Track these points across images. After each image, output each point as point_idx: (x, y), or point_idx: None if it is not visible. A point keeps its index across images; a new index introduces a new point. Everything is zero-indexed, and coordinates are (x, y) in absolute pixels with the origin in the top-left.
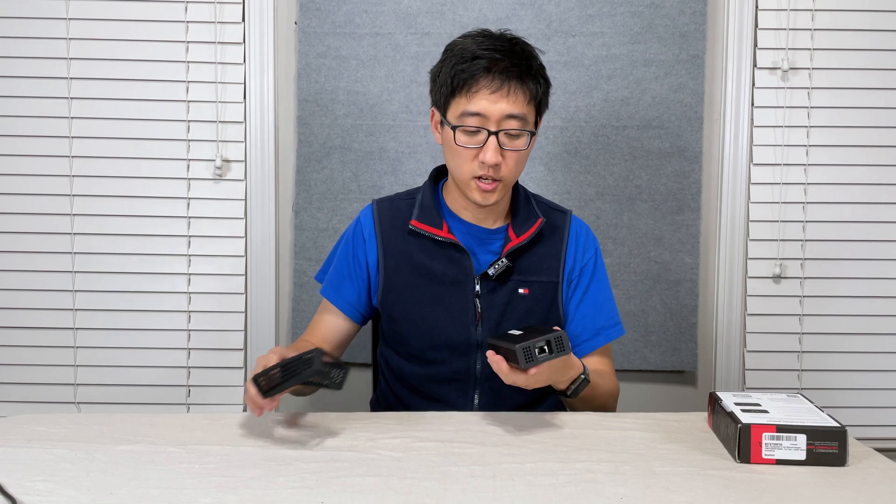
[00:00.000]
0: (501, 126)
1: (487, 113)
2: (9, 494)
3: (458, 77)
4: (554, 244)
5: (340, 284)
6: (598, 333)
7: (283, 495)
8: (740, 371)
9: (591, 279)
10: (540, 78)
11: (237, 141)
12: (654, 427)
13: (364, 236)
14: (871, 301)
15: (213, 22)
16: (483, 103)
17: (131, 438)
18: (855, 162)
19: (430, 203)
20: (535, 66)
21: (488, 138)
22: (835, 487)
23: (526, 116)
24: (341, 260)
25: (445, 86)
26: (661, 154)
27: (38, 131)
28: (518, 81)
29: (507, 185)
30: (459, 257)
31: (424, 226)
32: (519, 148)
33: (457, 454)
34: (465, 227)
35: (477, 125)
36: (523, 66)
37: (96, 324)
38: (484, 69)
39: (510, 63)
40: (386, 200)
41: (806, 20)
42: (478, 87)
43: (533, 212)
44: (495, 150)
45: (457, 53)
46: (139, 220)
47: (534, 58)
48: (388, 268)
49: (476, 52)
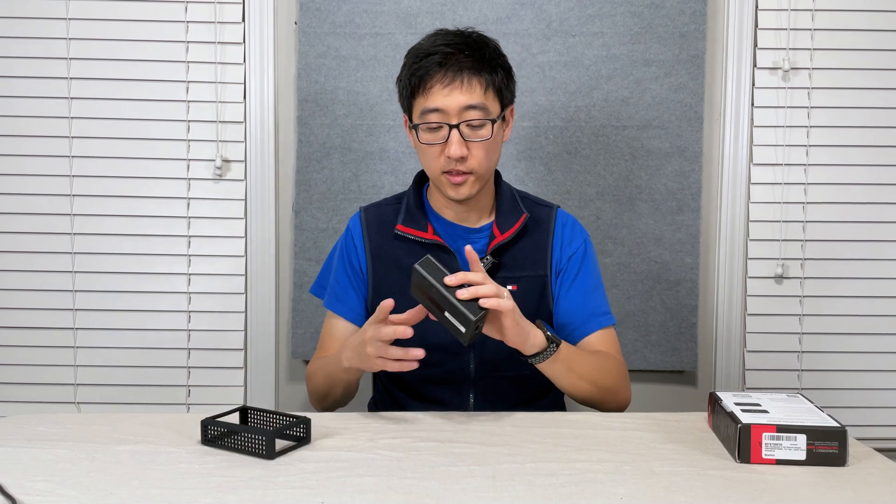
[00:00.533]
0: (462, 118)
1: (445, 107)
2: (9, 494)
3: (414, 76)
4: (540, 238)
5: (345, 295)
6: (588, 321)
7: (283, 495)
8: (740, 371)
9: (580, 268)
10: (496, 66)
11: (237, 141)
12: (654, 427)
13: (355, 243)
14: (871, 301)
15: (213, 22)
16: (438, 98)
17: (131, 438)
18: (855, 162)
19: (414, 206)
20: (489, 55)
21: (450, 132)
22: (835, 487)
23: (486, 105)
24: (340, 271)
25: (406, 88)
26: (661, 154)
27: (38, 131)
28: (471, 72)
29: (479, 177)
30: (446, 258)
31: (409, 229)
32: (483, 137)
33: (457, 454)
34: (450, 227)
35: (437, 121)
36: (476, 56)
37: (96, 324)
38: (437, 64)
39: (461, 54)
40: (373, 207)
41: (806, 20)
42: (432, 83)
43: (517, 207)
44: (459, 143)
45: (412, 54)
46: (139, 220)
47: (488, 48)
48: (376, 272)
49: (429, 49)
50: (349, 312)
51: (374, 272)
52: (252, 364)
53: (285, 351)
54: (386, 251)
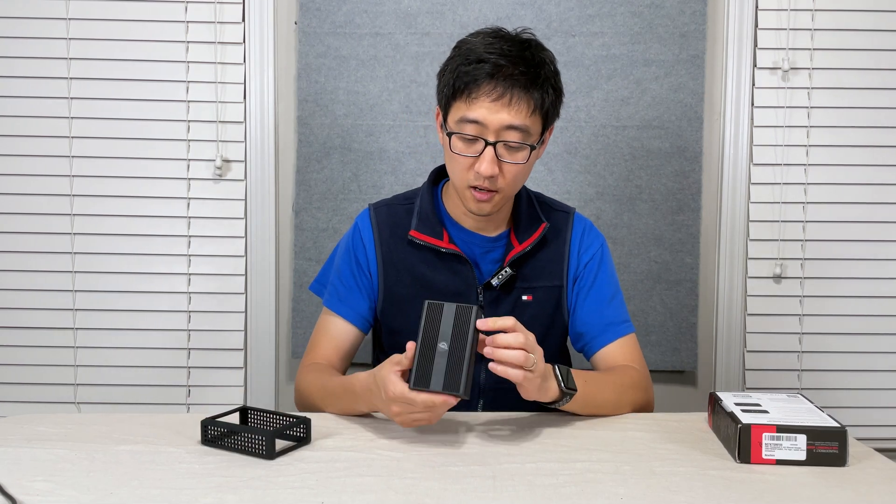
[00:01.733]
0: (500, 137)
1: (486, 122)
2: (9, 494)
3: (459, 80)
4: (557, 247)
5: (349, 296)
6: (605, 330)
7: (283, 495)
8: (740, 371)
9: (597, 275)
10: (549, 87)
11: (237, 141)
12: (654, 427)
13: (364, 243)
14: (871, 301)
15: (213, 22)
16: (482, 111)
17: (131, 438)
18: (855, 162)
19: (429, 210)
20: (545, 74)
21: (485, 148)
22: (835, 487)
23: (528, 128)
24: (345, 270)
25: (448, 87)
26: (661, 154)
27: (38, 131)
28: (522, 90)
29: (505, 196)
30: (462, 268)
31: (425, 236)
32: (518, 161)
33: (457, 454)
34: (467, 235)
35: (474, 133)
36: (531, 73)
37: (96, 324)
38: (487, 74)
39: (516, 69)
40: (383, 206)
41: (806, 20)
42: (478, 94)
43: (535, 216)
44: (491, 162)
45: (463, 53)
46: (139, 220)
47: (545, 64)
48: (388, 279)
49: (482, 54)
50: (351, 313)
51: (385, 278)
52: (252, 364)
53: (285, 351)
54: (399, 257)
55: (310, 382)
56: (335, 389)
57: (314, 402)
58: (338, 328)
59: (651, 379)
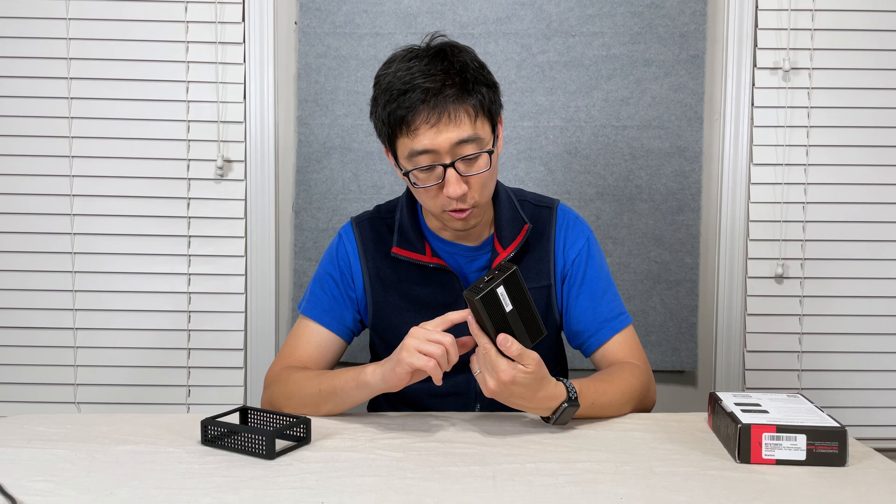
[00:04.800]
0: (455, 155)
1: (435, 147)
2: (9, 494)
3: (393, 116)
4: (542, 247)
5: (333, 307)
6: (602, 327)
7: (283, 495)
8: (740, 371)
9: (586, 269)
10: (481, 87)
11: (237, 141)
12: (654, 427)
13: (349, 258)
14: (871, 301)
15: (213, 22)
16: (427, 139)
17: (131, 438)
18: (855, 162)
19: (409, 225)
20: (472, 76)
21: (445, 172)
22: (835, 487)
23: (478, 136)
24: (328, 281)
25: (385, 127)
26: (661, 154)
27: (38, 131)
28: (457, 103)
29: (482, 206)
30: (447, 279)
31: (407, 252)
32: (481, 170)
33: (457, 454)
34: (449, 246)
35: (429, 162)
36: (458, 82)
37: (96, 324)
38: (418, 101)
39: (443, 85)
40: (365, 221)
41: (806, 20)
42: (416, 124)
43: (517, 217)
44: (457, 182)
45: (385, 89)
46: (139, 220)
47: (467, 66)
48: (376, 294)
49: (404, 83)
50: (336, 325)
51: (373, 294)
52: (252, 364)
53: None
54: (385, 272)
55: (297, 379)
56: (334, 381)
57: (299, 400)
58: (317, 334)
59: (651, 371)
